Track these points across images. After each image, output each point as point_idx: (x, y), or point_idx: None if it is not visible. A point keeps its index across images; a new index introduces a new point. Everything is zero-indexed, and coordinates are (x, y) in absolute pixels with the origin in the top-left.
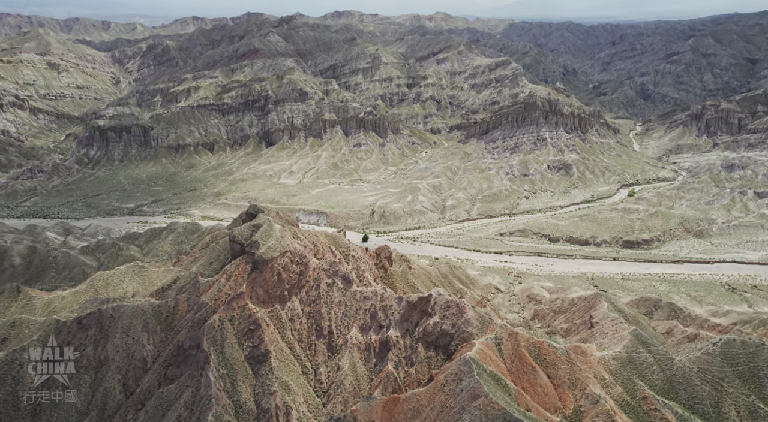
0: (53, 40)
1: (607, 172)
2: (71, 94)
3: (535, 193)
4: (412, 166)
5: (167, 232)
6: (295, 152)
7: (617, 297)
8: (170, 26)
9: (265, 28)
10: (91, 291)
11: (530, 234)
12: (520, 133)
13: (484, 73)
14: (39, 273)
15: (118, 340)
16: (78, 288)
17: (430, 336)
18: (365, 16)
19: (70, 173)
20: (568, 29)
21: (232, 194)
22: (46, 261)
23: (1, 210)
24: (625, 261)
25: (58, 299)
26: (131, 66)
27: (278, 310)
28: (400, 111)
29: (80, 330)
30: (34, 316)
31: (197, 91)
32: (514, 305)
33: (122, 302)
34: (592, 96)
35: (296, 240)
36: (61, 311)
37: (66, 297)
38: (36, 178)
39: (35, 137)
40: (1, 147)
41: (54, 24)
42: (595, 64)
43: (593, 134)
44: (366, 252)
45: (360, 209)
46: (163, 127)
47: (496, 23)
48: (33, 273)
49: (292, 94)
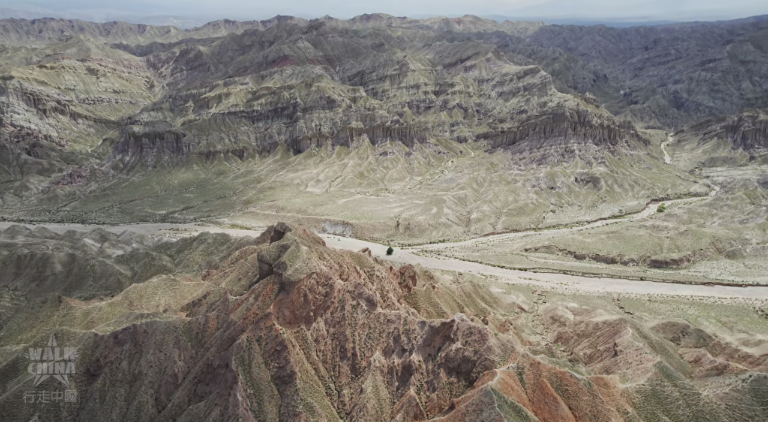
0: (93, 46)
1: (636, 185)
2: (108, 99)
3: (561, 207)
4: (438, 175)
5: (198, 243)
6: (322, 160)
7: (643, 321)
8: (202, 29)
9: (295, 34)
10: (126, 302)
11: (556, 251)
12: (547, 144)
13: (512, 81)
14: (78, 282)
15: (151, 356)
16: (114, 299)
17: (452, 362)
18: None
19: (106, 178)
20: (599, 33)
21: (260, 203)
22: (84, 269)
23: (44, 214)
24: (652, 281)
25: (96, 310)
26: (165, 70)
27: (304, 331)
28: (426, 118)
29: (116, 345)
30: (74, 327)
31: (228, 98)
32: (537, 326)
33: (155, 318)
34: (623, 104)
35: (322, 262)
36: (98, 322)
37: (103, 308)
38: (75, 182)
39: (75, 141)
40: (43, 151)
41: (93, 28)
42: (627, 69)
43: (623, 146)
44: (390, 272)
45: (385, 221)
46: (194, 134)
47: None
48: (72, 281)
49: (320, 102)
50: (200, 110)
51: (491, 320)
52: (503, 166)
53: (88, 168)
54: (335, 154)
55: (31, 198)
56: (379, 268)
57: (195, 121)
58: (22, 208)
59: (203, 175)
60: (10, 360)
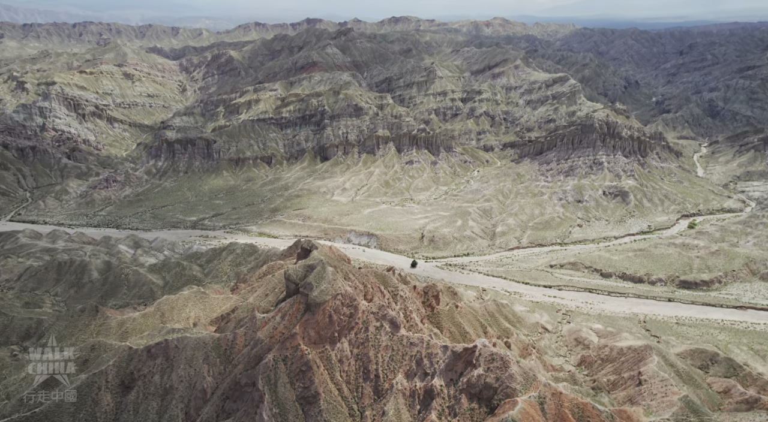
0: (129, 51)
1: (667, 200)
2: (142, 103)
3: (588, 221)
4: (464, 185)
5: (227, 253)
6: (348, 168)
7: (670, 346)
8: (233, 32)
9: (324, 39)
10: (158, 314)
11: (581, 268)
12: (575, 156)
13: (541, 89)
14: (113, 290)
15: (181, 370)
16: (147, 310)
17: (473, 388)
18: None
19: (139, 183)
20: (632, 36)
21: (287, 211)
22: (119, 278)
23: (81, 218)
24: (681, 303)
25: (130, 321)
26: (197, 74)
27: (328, 351)
28: (453, 126)
29: (149, 358)
30: (109, 337)
31: (257, 104)
32: (561, 348)
33: (186, 334)
34: (655, 112)
35: (347, 282)
36: (132, 333)
37: (137, 319)
38: (110, 187)
39: (110, 145)
40: (82, 155)
41: (130, 31)
42: (660, 75)
43: (653, 158)
44: (414, 291)
45: (409, 233)
46: (225, 140)
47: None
48: (108, 289)
49: (347, 110)
50: (230, 116)
51: (514, 342)
52: (530, 177)
53: (122, 172)
54: (361, 161)
55: (70, 202)
56: (402, 288)
57: (225, 127)
58: (62, 211)
59: (232, 182)
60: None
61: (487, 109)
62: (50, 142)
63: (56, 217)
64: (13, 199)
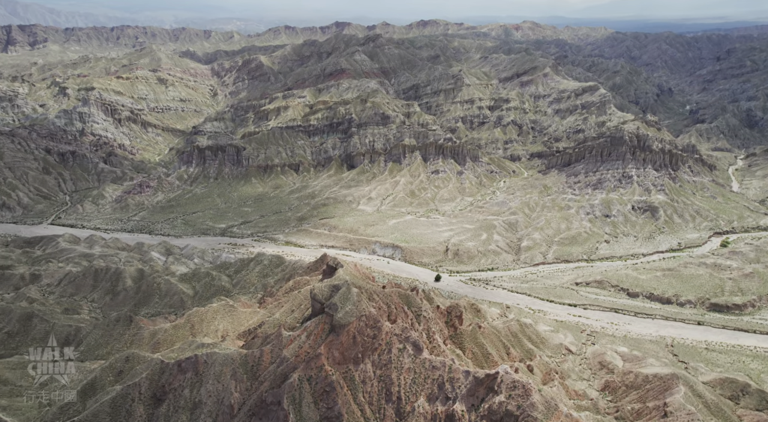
0: (163, 56)
1: (698, 216)
2: (175, 107)
3: (616, 237)
4: (489, 196)
5: (254, 264)
6: (374, 176)
7: (698, 374)
8: (264, 35)
9: (352, 45)
10: (188, 325)
11: (608, 287)
12: (603, 168)
13: (570, 98)
14: (146, 298)
15: (210, 386)
16: (177, 322)
17: (494, 415)
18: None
19: (171, 189)
20: (666, 41)
21: (314, 220)
22: (151, 287)
23: (116, 222)
24: (711, 327)
25: (161, 331)
26: (228, 79)
27: (351, 371)
28: (480, 135)
29: (179, 373)
30: (142, 347)
31: (286, 111)
32: (585, 371)
33: (215, 349)
34: (688, 122)
35: (371, 303)
36: (163, 344)
37: (168, 331)
38: (144, 192)
39: (144, 150)
40: (117, 160)
41: (164, 34)
42: (695, 81)
43: (685, 171)
44: (437, 311)
45: (434, 245)
46: (254, 147)
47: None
48: (141, 297)
49: (374, 118)
50: (260, 122)
51: (537, 365)
52: (557, 190)
53: (155, 178)
54: (387, 170)
55: (105, 206)
56: (426, 308)
57: (255, 134)
58: (98, 215)
59: (261, 189)
60: (89, 378)
61: (514, 118)
62: (88, 146)
63: (93, 222)
64: (54, 202)
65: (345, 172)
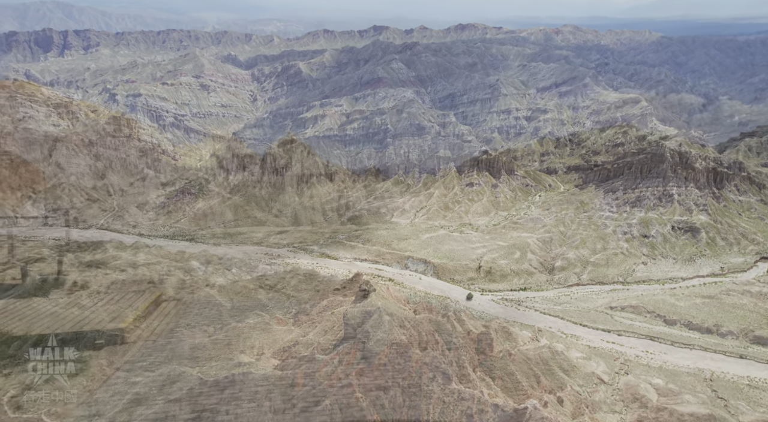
0: (206, 62)
1: (744, 239)
2: (216, 113)
3: (654, 259)
4: (524, 211)
5: (290, 277)
6: (409, 188)
7: (739, 413)
8: (303, 39)
9: (389, 53)
10: (226, 341)
11: (643, 313)
12: (643, 186)
13: (610, 110)
14: (185, 309)
15: (245, 405)
16: (216, 337)
17: None
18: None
19: (211, 196)
20: (715, 46)
21: (347, 232)
22: (191, 298)
23: (159, 229)
24: (754, 361)
25: (201, 346)
26: (267, 85)
27: (382, 398)
28: (516, 146)
29: (217, 391)
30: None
31: (323, 119)
32: (617, 403)
33: (250, 368)
34: (736, 134)
35: (402, 331)
36: (201, 358)
37: (206, 345)
38: (185, 199)
39: (186, 155)
40: (161, 166)
41: (207, 38)
42: (746, 90)
43: (730, 190)
44: (467, 337)
45: (466, 263)
46: (291, 157)
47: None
48: (181, 308)
49: (409, 129)
50: (297, 129)
51: (567, 396)
52: (593, 206)
53: (196, 185)
54: (421, 182)
55: (149, 212)
56: (456, 335)
57: (292, 143)
58: (143, 221)
59: (297, 198)
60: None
61: (551, 129)
62: (135, 152)
63: (138, 228)
64: (103, 206)
65: (379, 183)
